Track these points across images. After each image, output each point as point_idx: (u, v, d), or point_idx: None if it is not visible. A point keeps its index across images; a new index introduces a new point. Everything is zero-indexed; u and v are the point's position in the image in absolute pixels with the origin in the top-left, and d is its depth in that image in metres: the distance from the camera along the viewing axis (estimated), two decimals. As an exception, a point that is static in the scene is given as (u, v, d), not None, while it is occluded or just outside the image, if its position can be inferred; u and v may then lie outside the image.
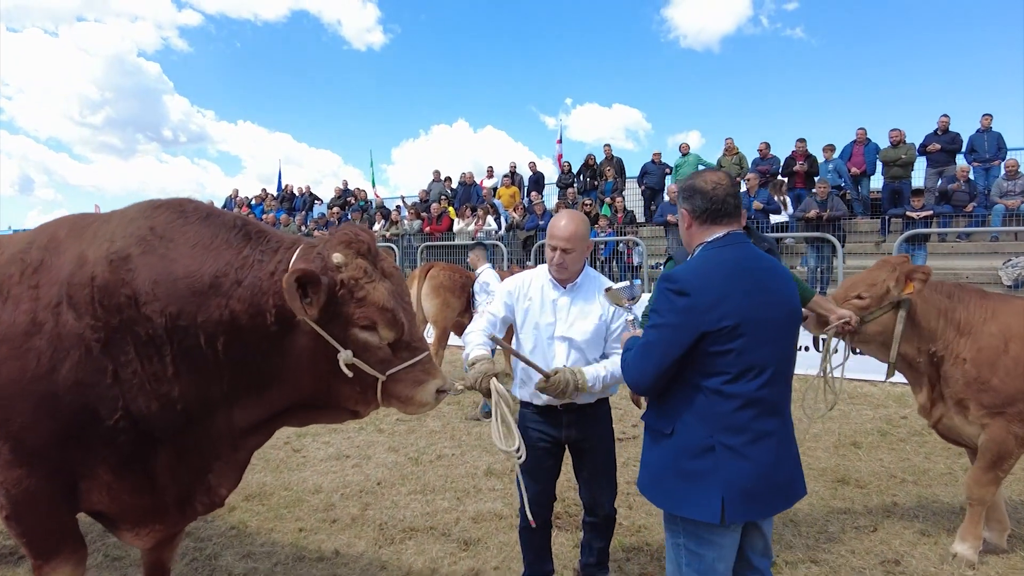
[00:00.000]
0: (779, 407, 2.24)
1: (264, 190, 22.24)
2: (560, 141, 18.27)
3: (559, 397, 2.91)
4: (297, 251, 2.33)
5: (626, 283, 2.77)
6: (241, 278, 2.24)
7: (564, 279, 3.11)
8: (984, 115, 12.74)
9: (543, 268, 3.20)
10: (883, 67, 45.88)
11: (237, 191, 22.38)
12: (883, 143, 13.24)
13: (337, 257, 2.23)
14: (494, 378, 2.78)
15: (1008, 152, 12.68)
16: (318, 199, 21.04)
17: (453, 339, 8.92)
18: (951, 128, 13.00)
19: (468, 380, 2.78)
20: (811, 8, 42.75)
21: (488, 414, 5.71)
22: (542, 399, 3.08)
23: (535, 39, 52.84)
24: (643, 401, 3.54)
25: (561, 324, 3.08)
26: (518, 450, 2.65)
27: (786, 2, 43.10)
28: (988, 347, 3.59)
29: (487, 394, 2.76)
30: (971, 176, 12.25)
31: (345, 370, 2.24)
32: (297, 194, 21.28)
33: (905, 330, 3.72)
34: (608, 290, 2.80)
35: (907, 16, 41.79)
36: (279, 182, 22.62)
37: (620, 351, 2.72)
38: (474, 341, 3.03)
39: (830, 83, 47.42)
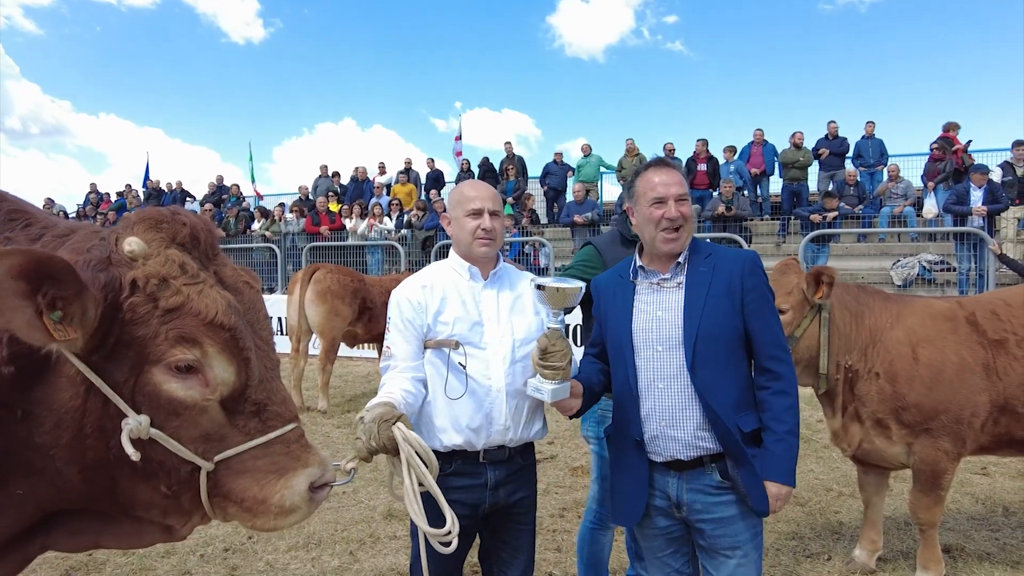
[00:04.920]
0: None
1: (128, 185, 19.97)
2: (459, 138, 17.35)
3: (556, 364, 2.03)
4: (72, 239, 1.42)
5: (563, 281, 2.00)
6: None
7: (489, 257, 2.33)
8: (868, 122, 13.38)
9: (443, 263, 2.40)
10: (760, 78, 48.62)
11: (95, 185, 19.94)
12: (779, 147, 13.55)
13: (132, 244, 1.34)
14: (399, 423, 1.84)
15: (888, 158, 13.31)
16: (190, 195, 19.06)
17: (344, 350, 7.94)
18: (839, 134, 13.48)
19: (360, 443, 1.83)
20: (690, 22, 44.65)
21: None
22: (459, 442, 2.21)
23: (424, 40, 51.32)
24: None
25: (492, 325, 2.26)
26: (449, 533, 1.77)
27: (666, 15, 44.87)
28: (898, 357, 3.25)
29: (392, 450, 1.82)
30: (858, 179, 12.72)
31: (130, 450, 1.31)
32: (166, 190, 19.19)
33: (830, 338, 3.32)
34: (544, 287, 2.00)
35: (778, 33, 44.51)
36: (146, 176, 20.30)
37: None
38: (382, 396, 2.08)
39: (711, 93, 49.68)
